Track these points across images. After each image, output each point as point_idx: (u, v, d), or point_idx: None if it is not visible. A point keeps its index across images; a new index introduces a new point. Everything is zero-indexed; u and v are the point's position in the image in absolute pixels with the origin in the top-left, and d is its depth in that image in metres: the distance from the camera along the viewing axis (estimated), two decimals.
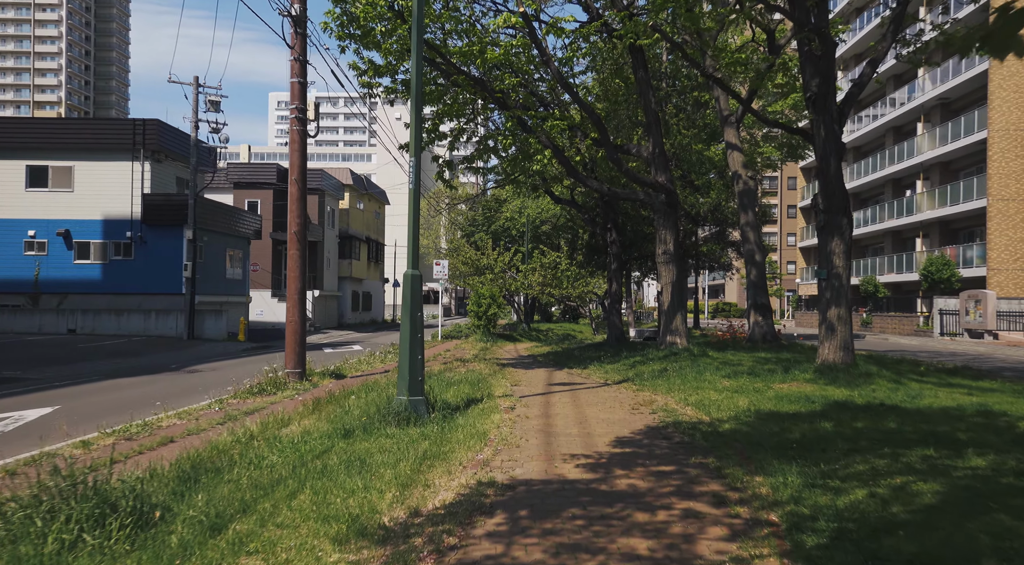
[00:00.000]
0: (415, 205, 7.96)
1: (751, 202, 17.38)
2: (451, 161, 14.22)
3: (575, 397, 9.66)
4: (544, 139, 13.16)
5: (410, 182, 7.94)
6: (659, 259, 14.57)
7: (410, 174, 7.93)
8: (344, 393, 10.46)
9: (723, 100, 17.72)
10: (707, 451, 6.12)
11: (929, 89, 38.85)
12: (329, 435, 7.10)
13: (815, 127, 10.56)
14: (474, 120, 14.69)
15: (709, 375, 10.97)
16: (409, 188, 7.95)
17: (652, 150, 14.26)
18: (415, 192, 7.94)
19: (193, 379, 15.87)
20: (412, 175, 7.92)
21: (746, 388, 9.70)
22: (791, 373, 10.62)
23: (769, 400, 8.44)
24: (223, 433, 7.27)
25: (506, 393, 9.79)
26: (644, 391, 10.17)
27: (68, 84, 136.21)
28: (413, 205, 7.96)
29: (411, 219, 7.98)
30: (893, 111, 42.71)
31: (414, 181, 7.92)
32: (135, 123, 29.19)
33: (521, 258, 34.57)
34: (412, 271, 7.93)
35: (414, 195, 7.94)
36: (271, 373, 13.10)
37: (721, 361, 12.92)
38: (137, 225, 29.04)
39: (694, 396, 9.19)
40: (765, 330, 16.89)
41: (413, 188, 7.93)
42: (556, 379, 12.41)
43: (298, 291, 13.57)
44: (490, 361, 17.11)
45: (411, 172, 7.92)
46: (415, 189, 7.93)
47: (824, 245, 10.67)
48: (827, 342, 10.70)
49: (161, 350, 24.06)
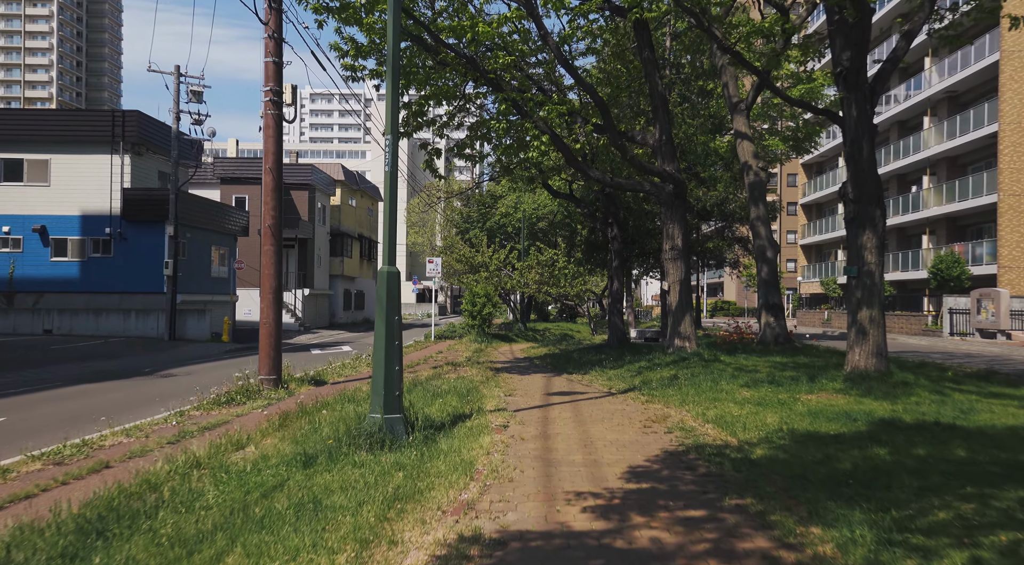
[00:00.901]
0: (391, 191, 6.82)
1: (761, 195, 16.26)
2: (440, 149, 13.07)
3: (577, 411, 8.53)
4: (541, 124, 12.03)
5: (386, 164, 6.80)
6: (666, 256, 13.44)
7: (386, 155, 6.79)
8: (318, 405, 9.33)
9: (732, 86, 16.60)
10: (742, 487, 5.00)
11: (936, 82, 37.80)
12: (288, 462, 5.97)
13: (845, 106, 9.45)
14: (465, 107, 13.54)
15: (725, 384, 9.85)
16: (385, 171, 6.82)
17: (658, 137, 13.14)
18: (391, 176, 6.80)
19: (164, 385, 14.71)
20: (388, 156, 6.78)
21: (770, 400, 8.59)
22: (818, 382, 9.51)
23: (801, 417, 7.32)
24: (160, 461, 6.12)
25: (499, 406, 8.65)
26: (654, 403, 9.05)
27: (59, 80, 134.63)
28: (389, 191, 6.83)
29: (387, 207, 6.85)
30: (898, 105, 41.66)
31: (390, 163, 6.78)
32: (114, 114, 27.97)
33: (517, 256, 33.45)
34: (388, 268, 6.80)
35: (390, 179, 6.81)
36: (242, 380, 11.98)
37: (735, 367, 11.81)
38: (117, 221, 27.82)
39: (713, 410, 8.07)
40: (777, 332, 15.78)
41: (389, 171, 6.79)
42: (555, 387, 11.29)
43: (272, 290, 12.42)
44: (483, 365, 15.98)
45: (387, 152, 6.79)
46: (391, 172, 6.79)
47: (854, 239, 9.56)
48: (857, 347, 9.59)
49: (139, 352, 22.89)
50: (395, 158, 6.80)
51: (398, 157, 6.83)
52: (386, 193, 6.84)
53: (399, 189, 74.90)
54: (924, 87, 38.90)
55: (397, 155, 6.83)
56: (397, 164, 6.82)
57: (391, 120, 6.79)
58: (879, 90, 9.77)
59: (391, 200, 6.82)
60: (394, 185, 6.80)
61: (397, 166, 6.82)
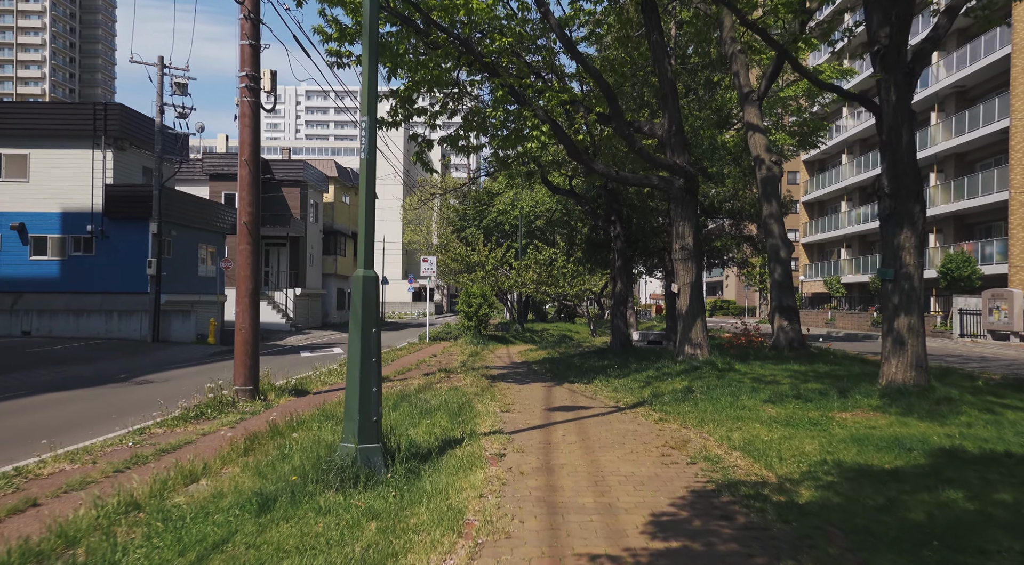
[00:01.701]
0: (368, 182, 5.82)
1: (775, 190, 15.27)
2: (431, 140, 12.06)
3: (583, 432, 7.54)
4: (541, 113, 11.03)
5: (362, 150, 5.80)
6: (676, 255, 12.44)
7: (361, 139, 5.80)
8: (293, 423, 8.33)
9: (743, 75, 15.60)
10: (795, 546, 4.03)
11: (943, 77, 36.87)
12: (243, 504, 4.98)
13: (882, 89, 8.48)
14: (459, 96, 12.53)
15: (747, 399, 8.87)
16: (361, 158, 5.83)
17: (668, 127, 12.14)
18: (368, 164, 5.81)
19: (136, 394, 13.71)
20: (364, 141, 5.79)
21: (800, 420, 7.61)
22: (851, 397, 8.53)
23: (844, 444, 6.33)
24: (86, 505, 5.11)
25: (494, 427, 7.65)
26: (669, 421, 8.07)
27: (52, 76, 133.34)
28: (366, 182, 5.83)
29: (363, 201, 5.85)
30: None
31: (367, 149, 5.78)
32: (96, 108, 26.85)
33: (514, 254, 32.45)
34: (364, 271, 5.80)
35: (367, 168, 5.81)
36: (215, 392, 10.97)
37: (753, 377, 10.83)
38: (99, 218, 26.74)
39: (738, 433, 7.09)
40: (792, 337, 14.80)
41: (366, 158, 5.80)
42: (556, 400, 10.30)
43: (249, 292, 11.41)
44: (479, 372, 14.99)
45: (363, 137, 5.79)
46: (368, 160, 5.80)
47: (890, 238, 8.59)
48: (894, 358, 8.61)
49: (119, 355, 21.86)
50: (373, 144, 5.81)
51: (376, 142, 5.82)
52: (362, 184, 5.84)
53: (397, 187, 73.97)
54: (931, 82, 37.95)
55: (375, 140, 5.83)
56: (375, 151, 5.82)
57: (367, 98, 5.79)
58: (918, 73, 8.79)
59: (368, 193, 5.82)
60: (371, 175, 5.80)
61: (375, 153, 5.82)
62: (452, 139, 11.91)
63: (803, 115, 25.30)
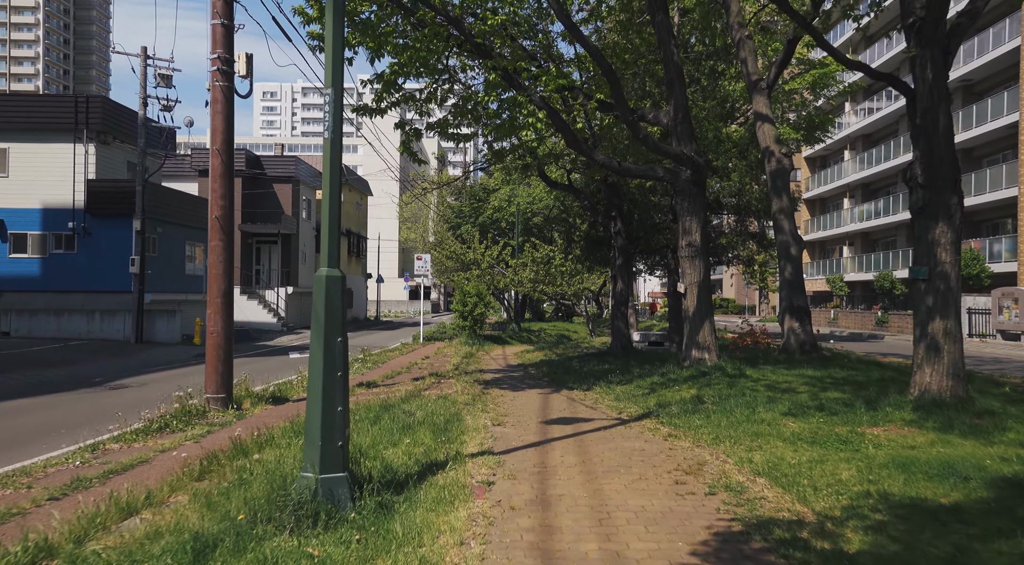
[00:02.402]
0: (334, 165, 4.97)
1: (785, 184, 14.41)
2: (419, 129, 11.19)
3: (583, 451, 6.68)
4: (537, 99, 10.18)
5: (327, 128, 4.95)
6: (682, 253, 11.58)
7: (326, 114, 4.94)
8: (260, 440, 7.48)
9: (751, 62, 14.74)
10: None
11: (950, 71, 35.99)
12: (177, 550, 4.12)
13: (917, 67, 7.65)
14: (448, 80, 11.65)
15: (763, 411, 8.02)
16: (325, 137, 4.97)
17: (673, 115, 11.27)
18: (333, 144, 4.95)
19: (107, 400, 12.85)
20: (330, 117, 4.94)
21: (827, 437, 6.77)
22: (881, 410, 7.68)
23: (887, 471, 5.48)
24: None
25: (483, 447, 6.78)
26: (680, 438, 7.21)
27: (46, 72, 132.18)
28: (330, 166, 4.97)
29: (327, 189, 5.00)
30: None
31: (332, 127, 4.93)
32: (77, 100, 25.95)
33: (511, 252, 31.59)
34: (328, 271, 4.94)
35: (331, 148, 4.95)
36: (183, 400, 10.11)
37: (767, 385, 9.99)
38: (81, 215, 25.86)
39: (759, 453, 6.24)
40: (803, 339, 13.96)
41: (330, 137, 4.94)
42: (553, 410, 9.44)
43: (221, 293, 10.55)
44: (471, 376, 14.14)
45: (327, 112, 4.94)
46: (333, 139, 4.94)
47: (924, 233, 7.76)
48: (928, 366, 7.77)
49: (99, 357, 20.99)
50: (338, 121, 4.95)
51: (341, 119, 4.96)
52: (326, 168, 4.98)
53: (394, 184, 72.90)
54: None
55: (341, 117, 4.97)
56: (341, 129, 4.96)
57: (332, 68, 4.92)
58: (954, 50, 7.96)
59: (334, 179, 4.96)
60: (336, 156, 4.94)
61: (341, 132, 4.96)
62: (442, 126, 11.03)
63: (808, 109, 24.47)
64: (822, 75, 23.63)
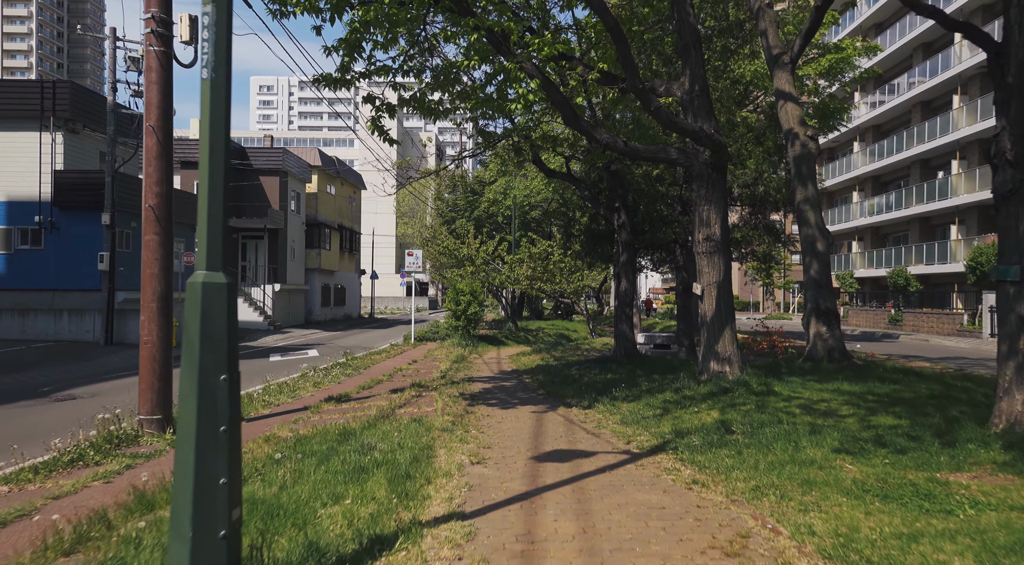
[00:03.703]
0: (215, 114, 3.37)
1: (810, 171, 12.83)
2: (392, 104, 9.57)
3: (585, 511, 5.09)
4: (529, 65, 8.57)
5: (205, 63, 3.35)
6: (699, 248, 9.97)
7: (204, 42, 3.35)
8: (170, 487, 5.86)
9: (772, 34, 13.14)
10: None
11: (967, 57, 34.37)
12: None
13: (1012, 9, 6.02)
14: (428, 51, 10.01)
15: (808, 445, 6.43)
16: (204, 78, 3.37)
17: (689, 86, 9.66)
18: (214, 85, 3.35)
19: (46, 415, 11.30)
20: (209, 45, 3.34)
21: (902, 488, 5.19)
22: (961, 447, 6.09)
23: (1014, 555, 3.88)
24: None
25: (453, 505, 5.15)
26: (708, 486, 5.62)
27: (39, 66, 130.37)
28: (210, 115, 3.37)
29: (208, 148, 3.40)
30: (923, 83, 38.21)
31: (212, 61, 3.33)
32: (43, 85, 24.30)
33: (507, 248, 29.98)
34: (206, 276, 3.34)
35: (212, 92, 3.35)
36: (108, 424, 8.51)
37: (802, 406, 8.40)
38: (48, 208, 24.26)
39: (819, 517, 4.66)
40: (832, 345, 12.39)
41: (212, 78, 3.34)
42: (548, 437, 7.85)
43: (157, 296, 8.94)
44: (458, 387, 12.56)
45: (206, 39, 3.35)
46: (215, 79, 3.34)
47: (1013, 223, 6.16)
48: (1020, 393, 6.18)
49: (61, 361, 19.41)
50: (223, 50, 3.35)
51: (230, 50, 3.36)
52: (204, 123, 3.38)
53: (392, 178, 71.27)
54: (953, 63, 35.48)
55: (227, 44, 3.37)
56: (228, 62, 3.37)
57: None
58: None
59: (215, 137, 3.37)
60: (219, 103, 3.34)
61: (229, 68, 3.36)
62: (418, 100, 9.40)
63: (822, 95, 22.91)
64: (838, 60, 22.08)
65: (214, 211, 3.34)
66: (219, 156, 3.35)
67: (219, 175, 3.35)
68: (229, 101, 3.40)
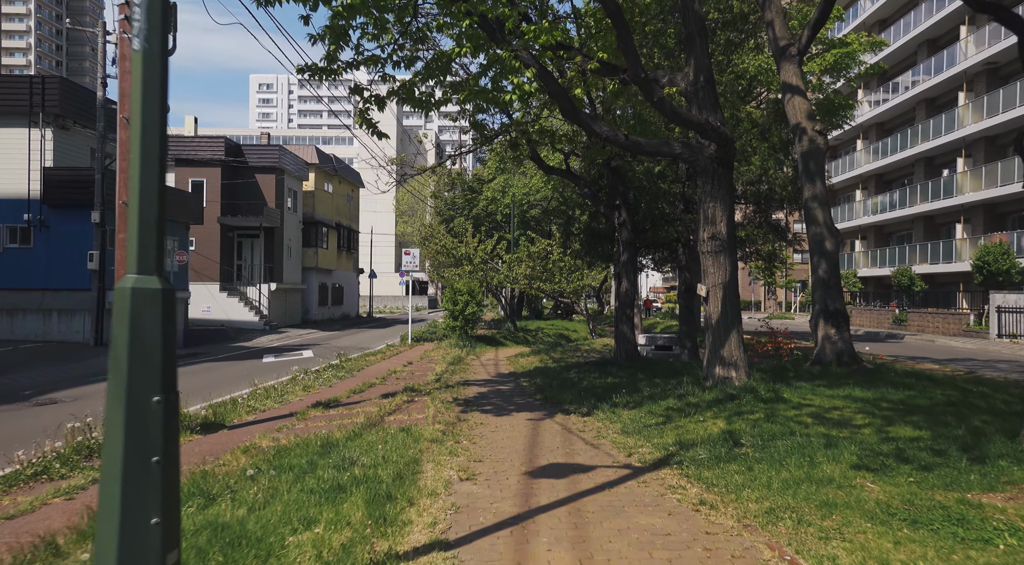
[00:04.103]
0: (148, 92, 2.89)
1: (819, 167, 12.34)
2: (380, 96, 9.08)
3: (582, 538, 4.61)
4: (524, 54, 8.09)
5: (137, 32, 2.87)
6: (704, 247, 9.49)
7: (135, 7, 2.85)
8: None
9: (779, 24, 12.65)
10: None
11: (973, 53, 33.87)
12: None
13: None
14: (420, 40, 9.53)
15: (824, 460, 5.95)
16: (135, 49, 2.89)
17: (694, 77, 9.17)
18: (147, 59, 2.87)
19: (22, 421, 10.85)
20: (141, 11, 2.85)
21: (930, 511, 4.72)
22: (991, 463, 5.62)
23: None
24: None
25: (436, 530, 4.67)
26: (717, 507, 5.14)
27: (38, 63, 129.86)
28: (142, 92, 2.89)
29: (139, 131, 2.92)
30: (928, 80, 37.70)
31: (145, 29, 2.85)
32: (32, 81, 23.82)
33: (506, 247, 29.50)
34: (136, 280, 2.86)
35: (144, 65, 2.87)
36: (81, 433, 8.04)
37: (813, 414, 7.92)
38: (37, 206, 23.77)
39: (842, 546, 4.19)
40: (841, 348, 11.90)
41: (145, 48, 2.86)
42: (544, 449, 7.38)
43: None
44: (452, 391, 12.09)
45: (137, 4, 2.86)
46: (148, 50, 2.85)
47: None
48: None
49: (48, 362, 18.95)
50: (156, 18, 2.86)
51: (167, 14, 2.87)
52: (136, 100, 2.91)
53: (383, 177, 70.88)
54: (959, 60, 34.97)
55: (165, 10, 2.89)
56: (165, 32, 2.89)
57: None
58: None
59: (148, 118, 2.90)
60: (154, 79, 2.87)
61: (165, 40, 2.88)
62: (407, 91, 8.91)
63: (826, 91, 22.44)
64: (843, 55, 21.60)
65: (147, 202, 2.87)
66: (153, 139, 2.88)
67: (153, 161, 2.87)
68: (166, 76, 2.92)
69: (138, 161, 2.86)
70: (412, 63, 9.48)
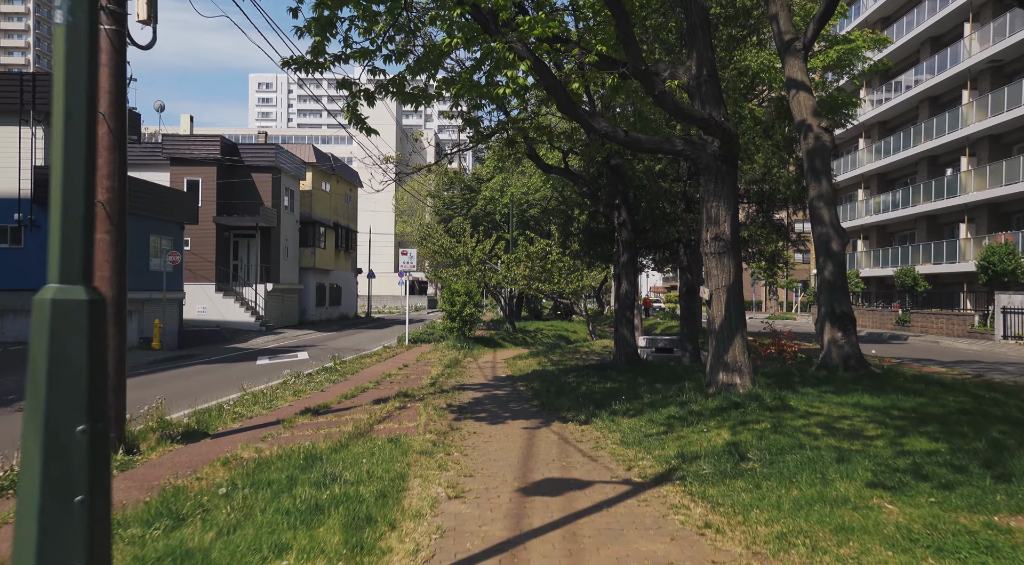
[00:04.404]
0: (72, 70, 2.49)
1: (825, 165, 11.96)
2: (370, 90, 8.70)
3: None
4: (519, 46, 7.71)
5: (59, 4, 2.47)
6: (707, 248, 9.11)
7: None
8: None
9: (784, 18, 12.27)
10: None
11: (977, 51, 33.48)
12: None
13: None
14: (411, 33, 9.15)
15: (837, 477, 5.58)
16: (58, 22, 2.49)
17: (697, 71, 8.79)
18: (72, 33, 2.48)
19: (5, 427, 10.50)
20: None
21: (955, 537, 4.35)
22: (1017, 481, 5.24)
23: None
24: None
25: (419, 557, 4.29)
26: (724, 530, 4.76)
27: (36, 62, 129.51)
28: (65, 71, 2.49)
29: (62, 112, 2.51)
30: (931, 78, 37.30)
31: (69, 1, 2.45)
32: (23, 77, 23.45)
33: (504, 246, 29.13)
34: (57, 290, 2.46)
35: (67, 39, 2.48)
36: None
37: (822, 424, 7.54)
38: (27, 205, 23.38)
39: None
40: (848, 352, 11.52)
41: (68, 22, 2.46)
42: (539, 462, 7.00)
43: (113, 301, 8.09)
44: (447, 397, 11.71)
45: None
46: (73, 24, 2.46)
47: None
48: None
49: None
50: None
51: None
52: (59, 80, 2.52)
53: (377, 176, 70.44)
54: (963, 57, 34.56)
55: None
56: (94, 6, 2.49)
57: None
58: None
59: (72, 98, 2.50)
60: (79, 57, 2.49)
61: (94, 13, 2.49)
62: (397, 85, 8.53)
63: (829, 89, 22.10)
64: (847, 51, 21.23)
65: (71, 200, 2.48)
66: (78, 126, 2.50)
67: (78, 152, 2.49)
68: (95, 54, 2.54)
69: (60, 156, 2.48)
70: (404, 57, 9.11)
